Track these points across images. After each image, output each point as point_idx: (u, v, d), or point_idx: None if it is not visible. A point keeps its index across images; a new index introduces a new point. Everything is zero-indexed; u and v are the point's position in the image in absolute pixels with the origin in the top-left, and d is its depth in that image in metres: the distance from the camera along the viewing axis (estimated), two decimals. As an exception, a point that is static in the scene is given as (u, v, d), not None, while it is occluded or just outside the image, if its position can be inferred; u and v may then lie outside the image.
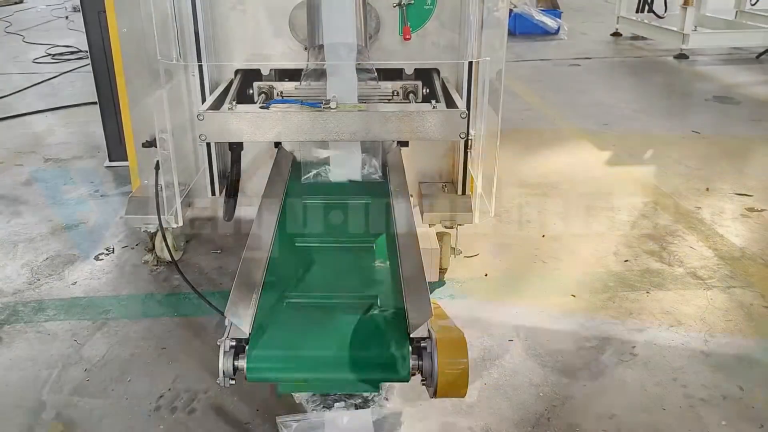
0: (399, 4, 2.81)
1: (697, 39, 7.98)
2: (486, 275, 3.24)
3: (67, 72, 7.40)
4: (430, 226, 3.07)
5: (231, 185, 3.01)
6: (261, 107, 2.50)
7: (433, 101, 2.56)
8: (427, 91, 2.88)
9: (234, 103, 2.51)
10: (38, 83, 6.90)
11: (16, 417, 2.31)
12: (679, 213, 3.90)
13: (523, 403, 2.39)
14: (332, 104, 2.40)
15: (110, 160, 4.56)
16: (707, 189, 4.25)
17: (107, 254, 3.43)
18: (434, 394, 1.73)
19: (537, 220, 3.81)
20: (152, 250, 3.26)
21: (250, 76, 2.92)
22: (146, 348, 2.68)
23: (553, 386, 2.47)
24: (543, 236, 3.62)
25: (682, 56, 7.97)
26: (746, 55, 8.14)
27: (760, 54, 7.94)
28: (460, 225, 3.07)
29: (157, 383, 2.48)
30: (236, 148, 2.95)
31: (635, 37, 9.23)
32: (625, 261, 3.37)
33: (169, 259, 3.15)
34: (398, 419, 1.96)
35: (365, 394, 1.88)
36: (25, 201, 4.06)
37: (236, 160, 2.98)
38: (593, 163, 4.72)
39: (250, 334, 1.74)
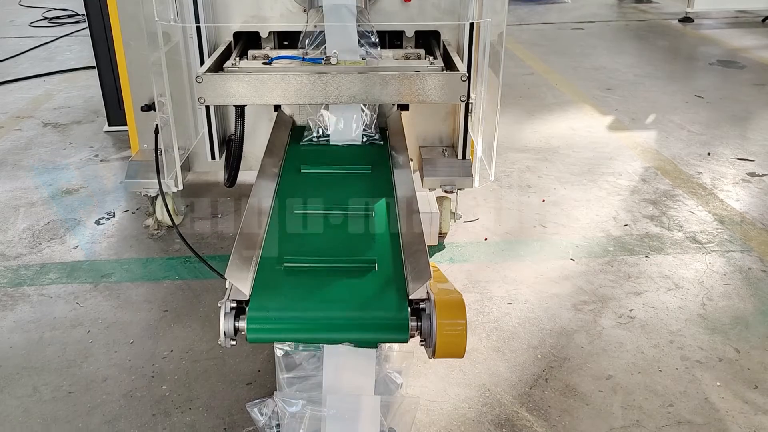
0: (399, -35, 2.76)
1: (703, 2, 7.87)
2: (485, 240, 3.25)
3: (65, 36, 7.33)
4: (430, 190, 3.07)
5: (233, 151, 2.98)
6: (264, 63, 2.49)
7: (430, 57, 2.54)
8: (431, 60, 2.84)
9: (237, 59, 2.49)
10: (35, 47, 6.83)
11: (22, 378, 2.35)
12: (679, 178, 3.90)
13: (521, 364, 2.42)
14: (333, 60, 2.38)
15: (109, 125, 4.54)
16: (709, 154, 4.23)
17: (108, 219, 3.44)
18: (433, 355, 1.75)
19: (537, 185, 3.81)
20: (153, 214, 3.27)
21: (248, 40, 2.88)
22: (148, 311, 2.71)
23: (550, 348, 2.50)
24: (543, 201, 3.62)
25: (687, 20, 7.87)
26: (752, 18, 8.03)
27: (766, 18, 7.83)
28: (460, 189, 3.07)
29: (160, 345, 2.51)
30: (240, 109, 2.92)
31: (640, 0, 9.10)
32: (625, 225, 3.37)
33: (170, 223, 3.16)
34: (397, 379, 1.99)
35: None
36: (25, 166, 4.06)
37: (240, 125, 2.95)
38: (595, 127, 4.70)
39: (250, 295, 1.76)
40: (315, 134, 2.74)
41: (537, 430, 2.13)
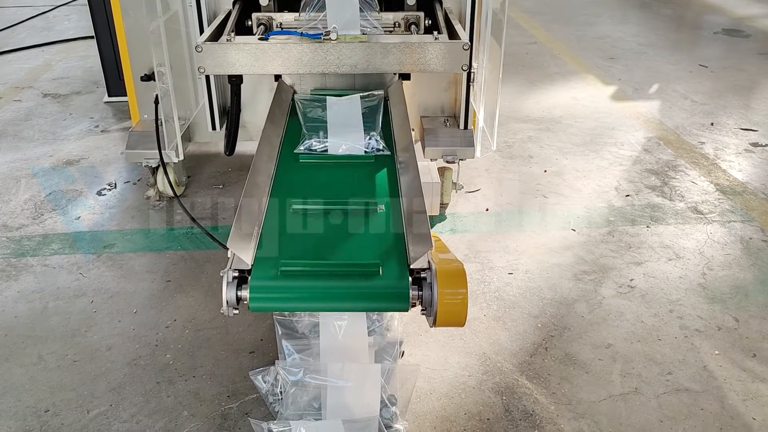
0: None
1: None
2: (487, 210, 3.25)
3: (62, 5, 7.25)
4: (431, 160, 3.07)
5: (231, 119, 2.99)
6: (260, 38, 2.45)
7: (435, 32, 2.51)
8: (430, 22, 2.81)
9: (233, 34, 2.46)
10: (33, 17, 6.76)
11: (27, 347, 2.37)
12: (682, 148, 3.88)
13: (522, 333, 2.44)
14: (332, 35, 2.35)
15: (109, 96, 4.52)
16: (712, 124, 4.21)
17: (110, 189, 3.44)
18: (434, 324, 1.76)
19: (539, 155, 3.80)
20: (154, 185, 3.27)
21: (248, 5, 2.85)
22: (151, 281, 2.73)
23: (551, 317, 2.52)
24: (545, 171, 3.62)
25: (692, -13, 7.74)
26: (759, -14, 7.91)
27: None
28: (461, 160, 3.06)
29: (163, 315, 2.53)
30: (236, 81, 2.91)
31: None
32: (627, 196, 3.37)
33: (171, 194, 3.16)
34: (398, 348, 2.01)
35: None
36: (26, 137, 4.04)
37: (236, 93, 2.94)
38: (598, 97, 4.67)
39: (252, 265, 1.76)
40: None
41: (537, 397, 2.16)
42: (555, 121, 4.26)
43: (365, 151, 2.34)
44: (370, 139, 2.37)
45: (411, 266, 1.77)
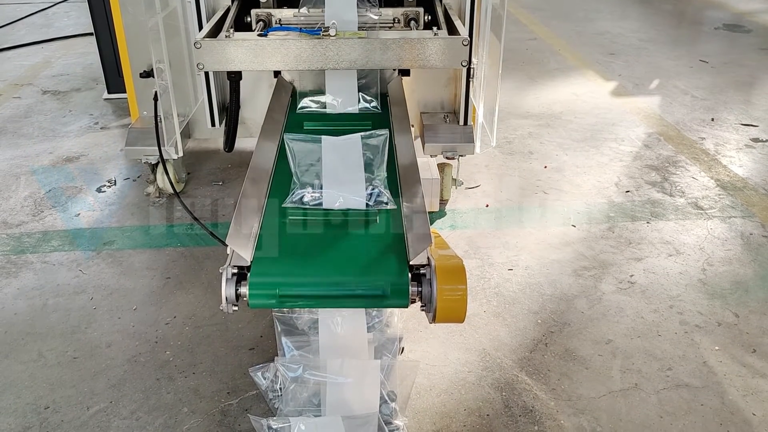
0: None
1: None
2: (487, 206, 3.25)
3: (62, 2, 7.24)
4: (431, 156, 3.06)
5: (230, 116, 2.99)
6: (259, 35, 2.45)
7: (435, 28, 2.51)
8: (429, 18, 2.81)
9: (231, 30, 2.45)
10: (32, 14, 6.76)
11: (27, 344, 2.37)
12: (682, 144, 3.88)
13: (522, 329, 2.44)
14: (331, 31, 2.34)
15: (109, 92, 4.51)
16: (712, 119, 4.20)
17: (109, 186, 3.44)
18: (433, 320, 1.76)
19: (539, 151, 3.79)
20: (154, 181, 3.27)
21: (247, 1, 2.84)
22: (151, 278, 2.73)
23: (551, 313, 2.52)
24: (545, 167, 3.61)
25: (693, -17, 7.73)
26: (759, -19, 7.89)
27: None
28: (461, 156, 3.06)
29: (163, 311, 2.53)
30: (235, 77, 2.91)
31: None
32: (627, 192, 3.37)
33: (171, 190, 3.16)
34: (397, 343, 2.01)
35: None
36: (25, 134, 4.04)
37: (235, 89, 2.94)
38: (598, 93, 4.66)
39: (251, 261, 1.76)
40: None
41: (536, 393, 2.16)
42: (555, 117, 4.25)
43: (367, 204, 2.00)
44: (373, 189, 2.02)
45: (410, 262, 1.77)
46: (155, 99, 2.85)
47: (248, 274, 1.74)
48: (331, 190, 2.02)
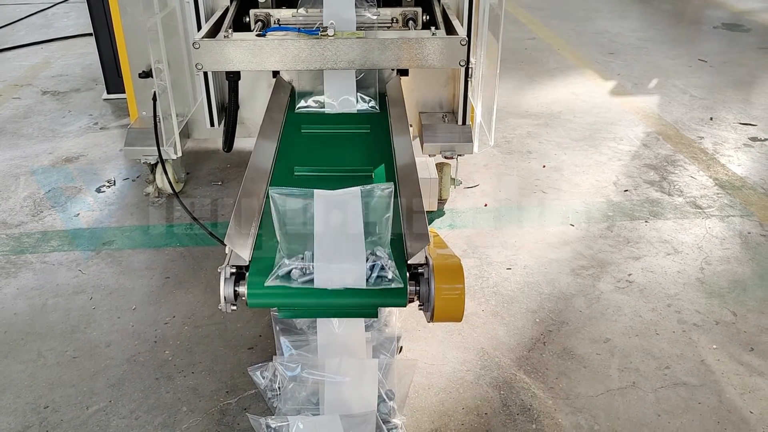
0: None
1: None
2: (485, 205, 3.25)
3: (61, 2, 7.24)
4: (430, 156, 3.07)
5: (229, 116, 2.99)
6: (257, 35, 2.45)
7: (433, 28, 2.51)
8: (427, 18, 2.81)
9: (230, 30, 2.46)
10: (32, 14, 6.76)
11: (26, 344, 2.38)
12: (681, 143, 3.88)
13: (520, 328, 2.44)
14: (330, 31, 2.35)
15: (108, 93, 4.52)
16: (711, 118, 4.21)
17: (108, 186, 3.44)
18: (431, 319, 1.77)
19: (538, 151, 3.80)
20: (153, 182, 3.27)
21: (246, 2, 2.85)
22: (150, 277, 2.73)
23: (549, 312, 2.52)
24: (544, 167, 3.62)
25: (692, -18, 7.73)
26: (758, -20, 7.90)
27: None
28: (460, 155, 3.06)
29: (162, 311, 2.53)
30: (233, 77, 2.91)
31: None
32: (625, 191, 3.37)
33: (170, 190, 3.17)
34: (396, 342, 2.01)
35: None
36: (25, 134, 4.05)
37: (233, 90, 2.95)
38: (597, 92, 4.66)
39: (249, 261, 1.77)
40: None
41: (534, 391, 2.16)
42: (554, 116, 4.26)
43: (367, 281, 1.69)
44: (375, 261, 1.70)
45: (408, 261, 1.78)
46: (154, 99, 2.85)
47: (247, 274, 1.74)
48: (324, 264, 1.69)
